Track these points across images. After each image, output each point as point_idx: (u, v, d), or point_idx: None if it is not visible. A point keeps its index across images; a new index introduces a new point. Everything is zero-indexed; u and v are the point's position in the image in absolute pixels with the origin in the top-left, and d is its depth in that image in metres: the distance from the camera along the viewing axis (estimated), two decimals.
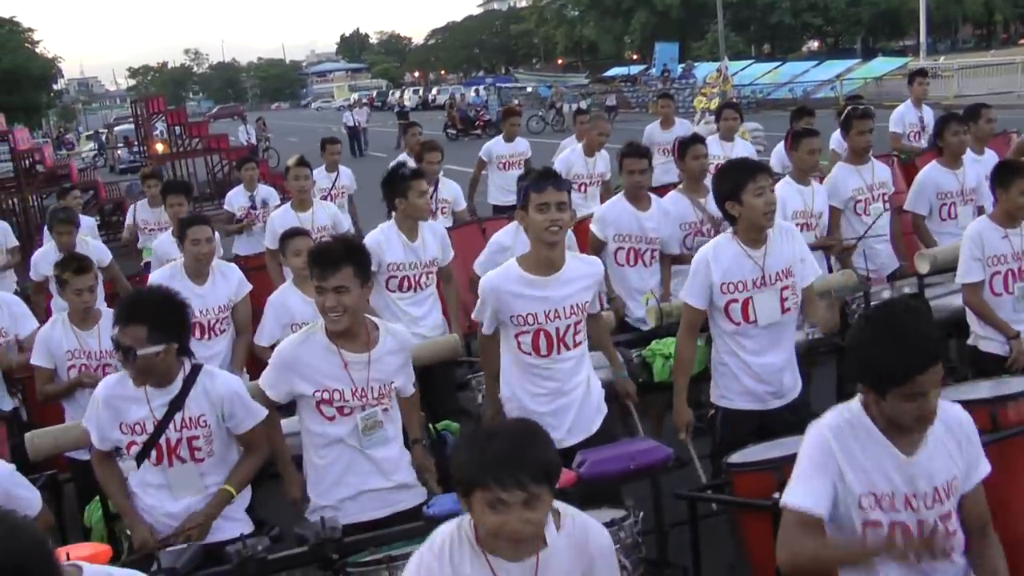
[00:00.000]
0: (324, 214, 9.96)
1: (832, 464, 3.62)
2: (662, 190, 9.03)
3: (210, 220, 7.81)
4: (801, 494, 3.64)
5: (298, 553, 4.58)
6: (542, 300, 5.49)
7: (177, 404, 4.97)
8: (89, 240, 10.49)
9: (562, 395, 5.64)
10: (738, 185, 5.61)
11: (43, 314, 9.89)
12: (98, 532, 5.75)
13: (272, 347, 5.73)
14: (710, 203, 7.52)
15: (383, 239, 7.69)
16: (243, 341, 7.68)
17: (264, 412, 5.20)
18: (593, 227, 8.05)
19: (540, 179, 5.47)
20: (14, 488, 4.76)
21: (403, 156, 12.41)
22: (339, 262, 4.95)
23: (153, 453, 4.99)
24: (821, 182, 8.51)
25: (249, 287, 7.86)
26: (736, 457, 5.18)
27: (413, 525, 4.70)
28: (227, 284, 7.70)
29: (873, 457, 3.59)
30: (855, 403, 3.67)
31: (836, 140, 10.99)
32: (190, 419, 4.98)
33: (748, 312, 5.74)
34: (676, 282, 7.86)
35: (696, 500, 5.30)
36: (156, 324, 4.78)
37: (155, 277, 7.70)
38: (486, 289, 5.59)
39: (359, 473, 5.22)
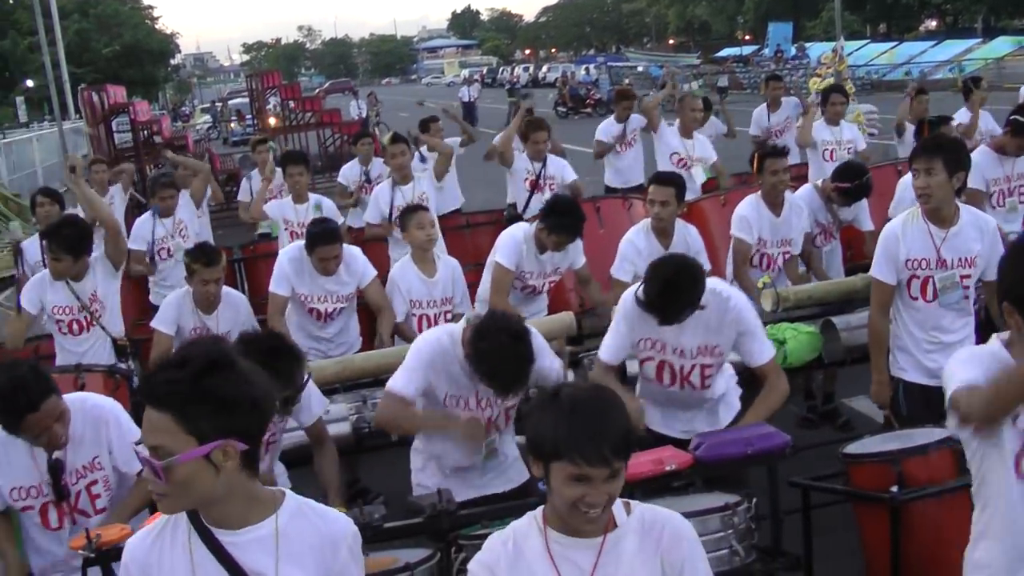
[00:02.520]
0: (424, 188, 9.97)
1: None
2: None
3: (339, 234, 7.67)
4: None
5: (413, 523, 4.62)
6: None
7: None
8: None
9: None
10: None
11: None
12: None
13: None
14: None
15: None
16: (388, 316, 7.53)
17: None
18: (739, 232, 7.72)
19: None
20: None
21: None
22: None
23: None
24: None
25: (374, 272, 7.75)
26: (853, 448, 5.10)
27: (528, 500, 4.70)
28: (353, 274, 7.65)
29: None
30: None
31: (963, 115, 10.75)
32: None
33: (926, 291, 5.74)
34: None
35: (810, 489, 5.20)
36: None
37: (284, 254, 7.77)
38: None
39: (469, 475, 5.28)
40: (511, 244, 7.47)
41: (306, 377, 5.09)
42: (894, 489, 4.56)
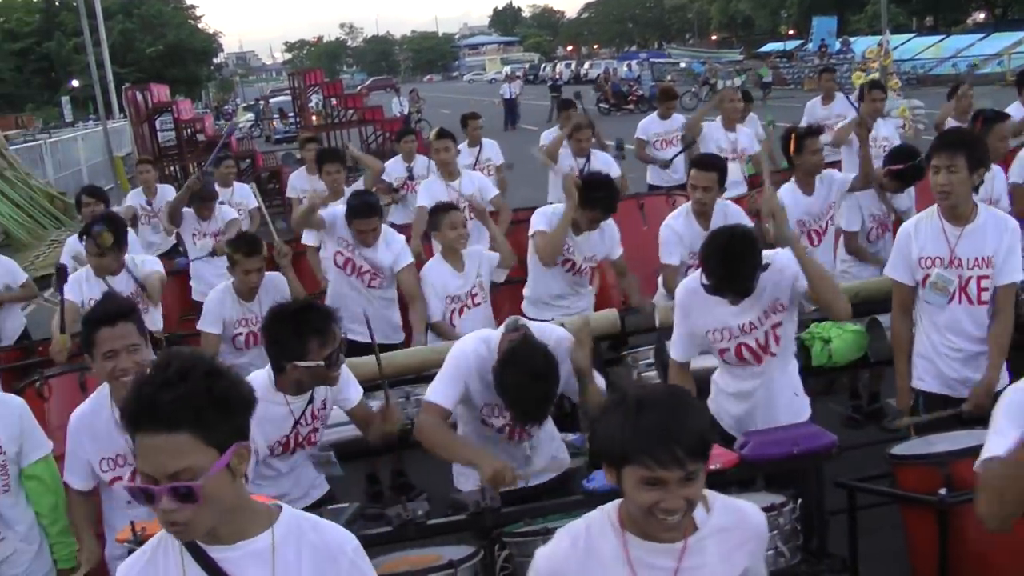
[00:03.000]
0: (470, 183, 9.96)
1: None
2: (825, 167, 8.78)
3: (377, 207, 7.79)
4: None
5: (457, 520, 4.62)
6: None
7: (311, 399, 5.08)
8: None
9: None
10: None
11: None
12: None
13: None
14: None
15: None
16: (420, 306, 7.55)
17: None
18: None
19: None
20: None
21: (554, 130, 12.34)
22: None
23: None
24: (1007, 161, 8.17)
25: (411, 259, 7.83)
26: (900, 449, 5.04)
27: (571, 499, 4.69)
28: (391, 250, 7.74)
29: None
30: None
31: (1016, 109, 10.64)
32: None
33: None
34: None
35: (856, 490, 5.15)
36: None
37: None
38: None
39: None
40: (542, 217, 7.49)
41: (343, 338, 5.01)
42: (942, 492, 4.50)
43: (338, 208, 7.85)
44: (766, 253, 5.14)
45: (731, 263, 4.94)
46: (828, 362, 6.46)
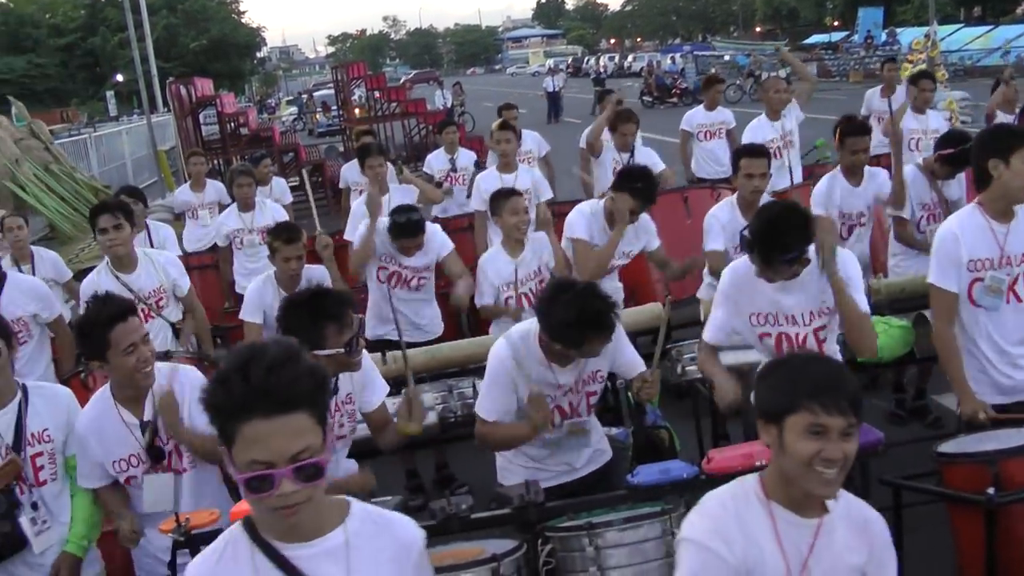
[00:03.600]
0: (527, 177, 9.95)
1: None
2: (873, 161, 8.71)
3: (422, 225, 7.65)
4: None
5: (500, 514, 4.61)
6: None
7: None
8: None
9: None
10: (1011, 147, 5.16)
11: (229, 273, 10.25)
12: None
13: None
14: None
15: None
16: (467, 280, 7.65)
17: None
18: (817, 209, 7.65)
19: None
20: None
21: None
22: None
23: None
24: None
25: (451, 245, 7.84)
26: (948, 447, 4.95)
27: (615, 493, 4.67)
28: (430, 250, 7.72)
29: None
30: None
31: None
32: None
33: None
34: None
35: (902, 488, 5.09)
36: None
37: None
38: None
39: (555, 458, 5.22)
40: (580, 218, 7.48)
41: (359, 321, 4.98)
42: (990, 491, 4.43)
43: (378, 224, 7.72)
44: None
45: (778, 231, 4.91)
46: (874, 358, 6.39)
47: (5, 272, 7.48)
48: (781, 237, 4.91)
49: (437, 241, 7.72)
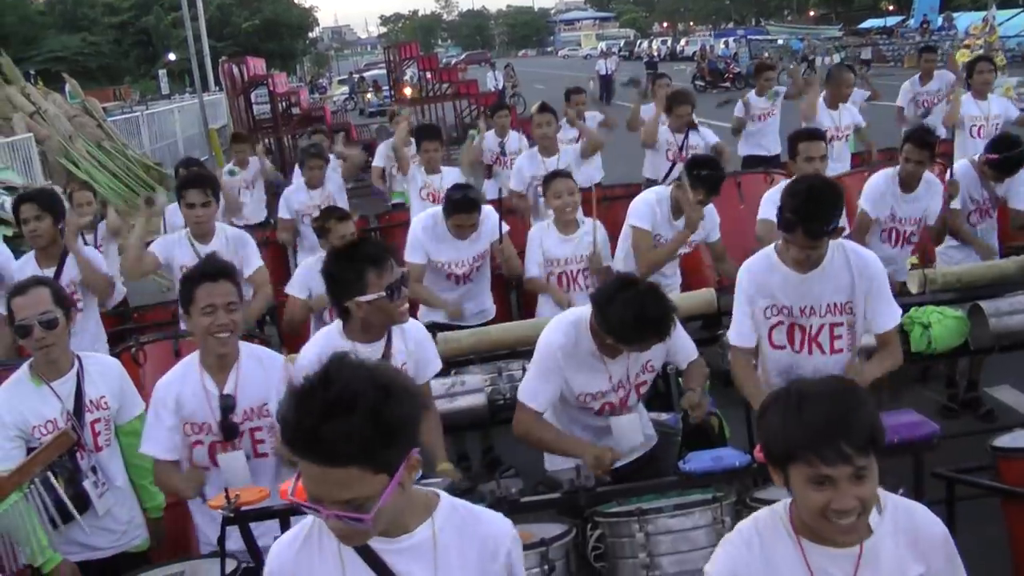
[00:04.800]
0: (569, 159, 9.90)
1: None
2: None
3: (477, 202, 7.57)
4: None
5: (550, 499, 4.61)
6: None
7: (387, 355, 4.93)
8: None
9: None
10: None
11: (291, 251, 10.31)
12: None
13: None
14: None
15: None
16: (516, 263, 7.69)
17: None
18: (865, 204, 7.58)
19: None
20: None
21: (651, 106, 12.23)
22: None
23: None
24: None
25: (506, 228, 7.79)
26: (1004, 440, 4.89)
27: (665, 479, 4.65)
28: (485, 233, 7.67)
29: None
30: None
31: None
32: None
33: None
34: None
35: (955, 481, 5.02)
36: None
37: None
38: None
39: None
40: (644, 207, 7.42)
41: (403, 272, 4.91)
42: None
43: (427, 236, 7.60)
44: (855, 249, 5.06)
45: (811, 202, 4.79)
46: (927, 348, 6.31)
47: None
48: (822, 207, 4.80)
49: (492, 222, 7.65)
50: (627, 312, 4.63)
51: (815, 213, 4.78)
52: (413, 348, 5.07)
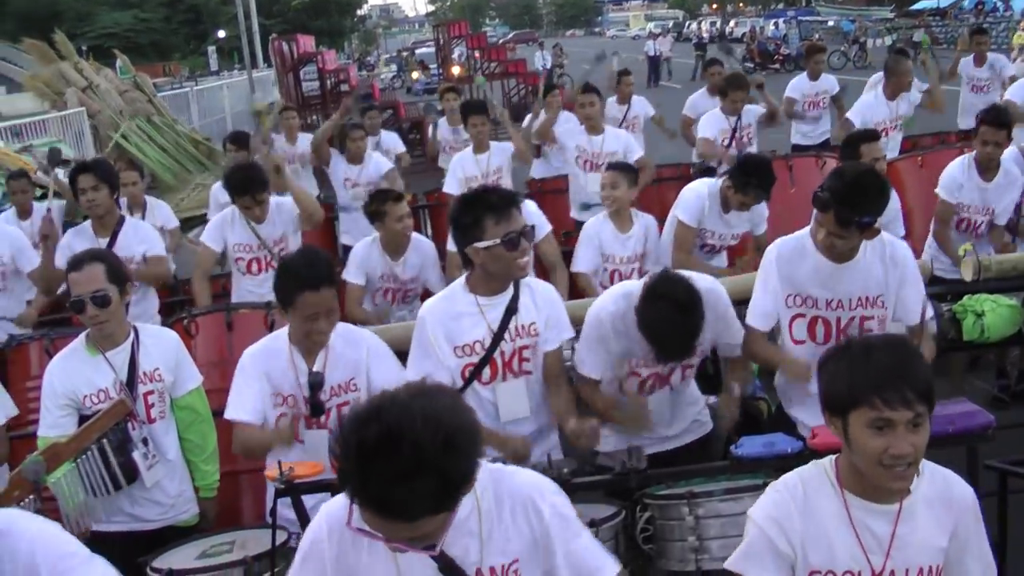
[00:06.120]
0: (615, 141, 9.82)
1: None
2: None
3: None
4: None
5: (602, 479, 4.61)
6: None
7: (512, 309, 4.82)
8: None
9: None
10: None
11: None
12: None
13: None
14: None
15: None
16: (561, 274, 7.52)
17: None
18: (943, 193, 7.52)
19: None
20: None
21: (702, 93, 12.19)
22: None
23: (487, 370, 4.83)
24: None
25: (549, 227, 7.66)
26: None
27: (717, 464, 4.65)
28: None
29: None
30: None
31: None
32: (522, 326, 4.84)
33: None
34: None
35: (1008, 474, 4.95)
36: None
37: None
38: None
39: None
40: (694, 200, 7.34)
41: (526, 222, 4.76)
42: None
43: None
44: (887, 239, 4.94)
45: (861, 187, 4.66)
46: (980, 337, 6.20)
47: (123, 215, 7.73)
48: (862, 197, 4.64)
49: (534, 219, 7.43)
50: (655, 319, 4.63)
51: (851, 199, 4.62)
52: (543, 306, 4.91)
